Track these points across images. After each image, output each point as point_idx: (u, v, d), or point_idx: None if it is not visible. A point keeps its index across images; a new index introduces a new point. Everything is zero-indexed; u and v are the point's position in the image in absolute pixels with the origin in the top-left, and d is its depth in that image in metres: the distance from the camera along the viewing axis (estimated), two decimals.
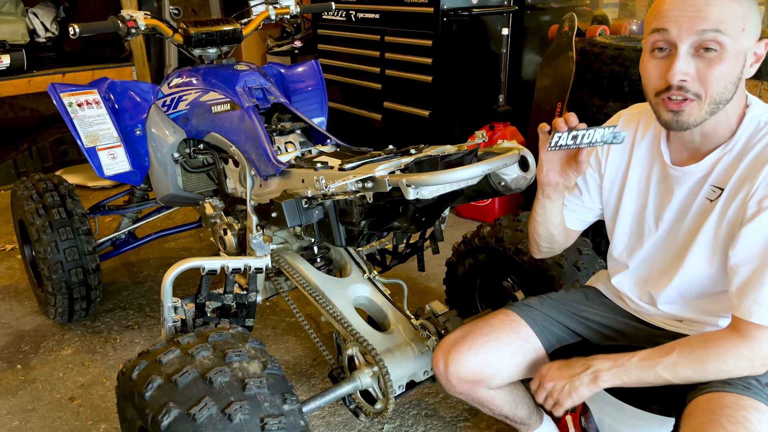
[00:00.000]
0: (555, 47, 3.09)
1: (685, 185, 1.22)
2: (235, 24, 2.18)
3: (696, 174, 1.20)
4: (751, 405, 1.05)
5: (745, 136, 1.13)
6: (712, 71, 1.05)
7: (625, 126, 1.35)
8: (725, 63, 1.05)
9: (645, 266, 1.35)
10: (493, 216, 3.31)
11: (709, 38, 1.04)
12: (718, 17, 1.03)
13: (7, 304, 2.67)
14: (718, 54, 1.05)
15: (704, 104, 1.08)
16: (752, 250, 1.09)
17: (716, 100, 1.08)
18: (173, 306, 1.60)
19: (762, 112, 1.14)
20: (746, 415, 1.03)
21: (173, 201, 2.37)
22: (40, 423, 1.96)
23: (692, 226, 1.22)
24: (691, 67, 1.06)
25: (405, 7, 3.49)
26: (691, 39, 1.05)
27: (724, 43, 1.04)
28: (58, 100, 2.14)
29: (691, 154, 1.22)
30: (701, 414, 1.07)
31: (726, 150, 1.15)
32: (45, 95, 3.33)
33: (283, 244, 1.87)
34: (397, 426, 1.92)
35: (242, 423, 1.12)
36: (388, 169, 1.32)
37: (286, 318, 2.52)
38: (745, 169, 1.11)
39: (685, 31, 1.05)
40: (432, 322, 1.65)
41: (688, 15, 1.04)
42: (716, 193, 1.16)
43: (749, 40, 1.06)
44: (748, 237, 1.09)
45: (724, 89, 1.07)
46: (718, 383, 1.12)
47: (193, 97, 2.06)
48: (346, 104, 4.21)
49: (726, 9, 1.03)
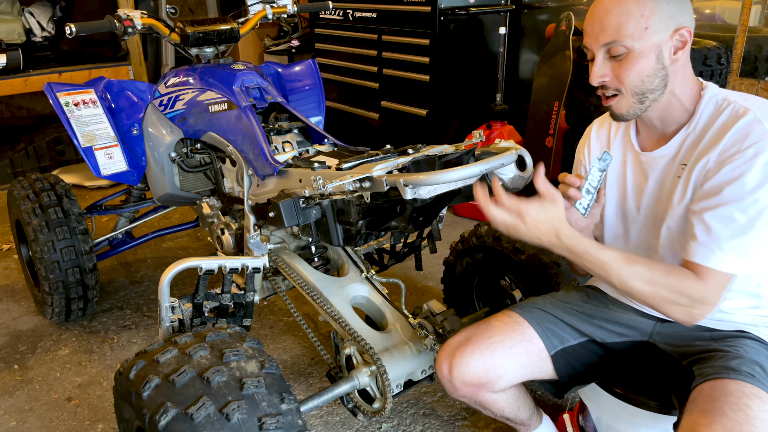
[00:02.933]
0: (552, 46, 3.10)
1: (657, 168, 1.29)
2: (232, 23, 2.18)
3: (665, 156, 1.27)
4: (753, 393, 1.08)
5: (707, 115, 1.22)
6: (623, 70, 1.18)
7: (599, 129, 1.45)
8: (634, 61, 1.17)
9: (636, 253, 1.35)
10: None
11: (612, 46, 1.17)
12: (616, 27, 1.15)
13: (4, 304, 2.66)
14: (626, 55, 1.17)
15: (627, 97, 1.21)
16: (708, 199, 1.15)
17: (638, 91, 1.20)
18: (171, 306, 1.60)
19: (718, 92, 1.23)
20: (748, 403, 1.05)
21: (170, 200, 2.36)
22: (38, 423, 1.95)
23: (665, 203, 1.28)
24: (607, 69, 1.21)
25: (402, 6, 3.49)
26: (601, 49, 1.20)
27: (627, 45, 1.16)
28: (54, 99, 2.13)
29: (657, 139, 1.30)
30: (704, 401, 1.09)
31: (689, 130, 1.23)
32: (41, 95, 3.32)
33: (281, 243, 1.87)
34: (395, 425, 1.92)
35: (240, 422, 1.12)
36: (385, 168, 1.32)
37: (283, 317, 2.51)
38: (707, 143, 1.19)
39: (594, 45, 1.20)
40: (430, 321, 1.65)
41: (594, 31, 1.19)
42: (683, 169, 1.23)
43: (659, 34, 1.15)
44: (704, 190, 1.16)
45: (642, 82, 1.19)
46: (722, 370, 1.14)
47: (190, 96, 2.06)
48: (343, 103, 4.21)
49: (622, 16, 1.15)
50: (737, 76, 2.81)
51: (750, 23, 2.71)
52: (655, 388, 1.36)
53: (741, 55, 2.65)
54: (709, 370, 1.16)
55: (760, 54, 2.85)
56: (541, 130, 3.19)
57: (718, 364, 1.17)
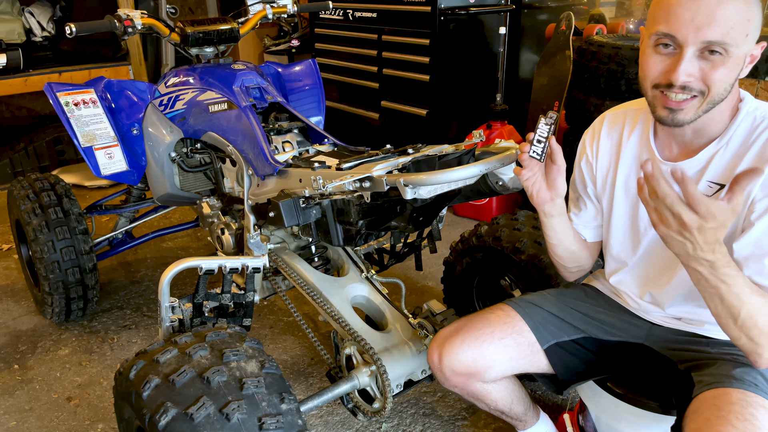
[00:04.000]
0: (552, 46, 3.10)
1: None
2: (232, 23, 2.18)
3: (690, 170, 1.19)
4: (758, 402, 1.06)
5: (743, 132, 1.14)
6: (716, 73, 1.06)
7: (611, 126, 1.36)
8: (728, 66, 1.06)
9: (643, 264, 1.35)
10: (491, 215, 3.31)
11: (716, 44, 1.04)
12: (727, 24, 1.02)
13: (4, 304, 2.66)
14: (723, 58, 1.05)
15: (704, 103, 1.09)
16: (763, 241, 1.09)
17: (715, 99, 1.09)
18: (171, 306, 1.60)
19: (756, 107, 1.15)
20: (754, 413, 1.04)
21: (170, 200, 2.36)
22: (38, 423, 1.95)
23: None
24: (695, 68, 1.07)
25: (402, 6, 3.48)
26: (698, 44, 1.05)
27: (729, 48, 1.04)
28: (54, 99, 2.13)
29: (681, 150, 1.22)
30: (708, 410, 1.07)
31: (720, 144, 1.15)
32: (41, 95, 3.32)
33: (281, 243, 1.87)
34: (395, 425, 1.92)
35: (240, 422, 1.12)
36: (385, 168, 1.32)
37: (283, 317, 2.51)
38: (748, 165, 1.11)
39: (693, 36, 1.04)
40: (430, 321, 1.65)
41: (698, 21, 1.03)
42: (714, 189, 1.16)
43: (750, 44, 1.07)
44: (760, 229, 1.09)
45: (725, 90, 1.09)
46: (724, 378, 1.12)
47: (190, 96, 2.06)
48: (343, 103, 4.21)
49: (736, 15, 1.02)
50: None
51: None
52: (655, 388, 1.36)
53: None
54: (710, 378, 1.15)
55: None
56: None
57: (719, 372, 1.15)
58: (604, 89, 2.73)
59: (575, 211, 1.46)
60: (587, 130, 1.42)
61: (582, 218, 1.45)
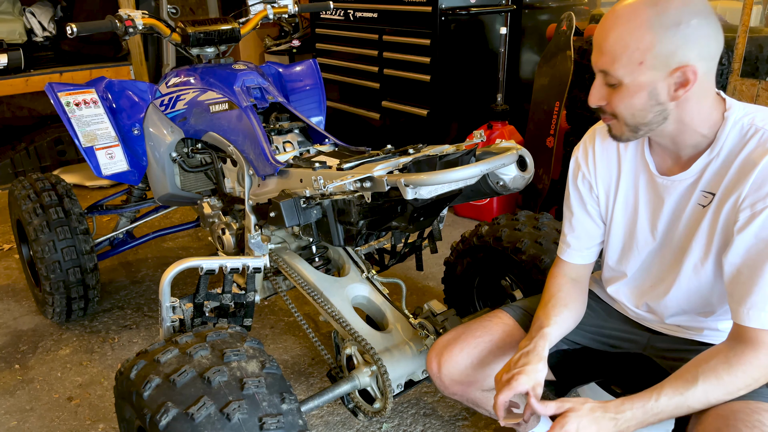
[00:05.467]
0: (553, 46, 3.10)
1: (674, 193, 1.21)
2: (233, 23, 2.18)
3: (684, 182, 1.18)
4: (761, 407, 1.06)
5: (732, 140, 1.11)
6: (615, 99, 1.11)
7: (604, 138, 1.31)
8: (624, 94, 1.09)
9: (641, 275, 1.34)
10: (492, 215, 3.31)
11: (606, 73, 1.10)
12: (611, 55, 1.07)
13: (5, 304, 2.66)
14: (617, 87, 1.09)
15: (622, 125, 1.14)
16: (748, 254, 1.08)
17: (629, 123, 1.13)
18: (171, 306, 1.60)
19: (743, 114, 1.12)
20: (761, 419, 1.04)
21: (171, 200, 2.37)
22: (38, 423, 1.95)
23: (686, 232, 1.21)
24: (603, 94, 1.13)
25: (403, 6, 3.48)
26: (599, 71, 1.11)
27: (618, 77, 1.08)
28: (55, 99, 2.13)
29: (674, 162, 1.21)
30: (714, 419, 1.06)
31: (712, 155, 1.14)
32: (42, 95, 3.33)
33: (282, 243, 1.87)
34: (396, 425, 1.92)
35: (240, 422, 1.12)
36: (386, 168, 1.32)
37: (284, 317, 2.51)
38: (735, 173, 1.10)
39: (594, 64, 1.12)
40: (430, 321, 1.65)
41: (594, 52, 1.11)
42: (708, 198, 1.16)
43: (654, 72, 1.05)
44: (743, 242, 1.08)
45: (632, 116, 1.11)
46: None
47: (191, 96, 2.06)
48: (344, 103, 4.21)
49: (618, 46, 1.05)
50: (738, 76, 2.80)
51: (751, 23, 2.70)
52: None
53: (742, 56, 2.64)
54: None
55: (761, 54, 2.84)
56: (541, 131, 3.19)
57: None
58: None
59: (572, 234, 1.39)
60: (577, 147, 1.38)
61: (581, 240, 1.39)
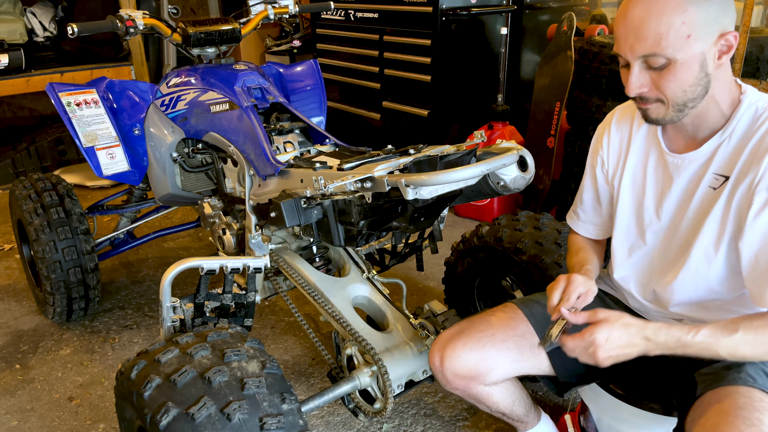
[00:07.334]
0: (554, 47, 3.10)
1: (684, 173, 1.23)
2: (234, 23, 2.18)
3: (696, 161, 1.21)
4: (764, 406, 1.06)
5: (745, 123, 1.15)
6: (665, 81, 1.10)
7: (620, 119, 1.39)
8: (676, 72, 1.09)
9: (648, 259, 1.35)
10: (492, 215, 3.31)
11: (652, 56, 1.08)
12: (655, 37, 1.06)
13: (6, 304, 2.66)
14: (667, 66, 1.09)
15: (668, 107, 1.14)
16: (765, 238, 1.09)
17: (679, 102, 1.13)
18: (172, 306, 1.60)
19: (758, 98, 1.16)
20: (761, 417, 1.04)
21: (172, 200, 2.37)
22: (39, 423, 1.96)
23: (696, 215, 1.22)
24: (646, 79, 1.12)
25: (404, 7, 3.49)
26: (638, 59, 1.11)
27: (668, 56, 1.07)
28: (56, 99, 2.13)
29: (687, 142, 1.23)
30: (715, 415, 1.06)
31: (724, 137, 1.17)
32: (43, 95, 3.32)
33: (282, 243, 1.87)
34: (396, 425, 1.92)
35: (241, 422, 1.12)
36: (387, 169, 1.32)
37: (284, 317, 2.51)
38: (749, 156, 1.12)
39: (630, 54, 1.11)
40: (431, 322, 1.65)
41: (630, 40, 1.10)
42: (720, 181, 1.17)
43: (702, 42, 1.07)
44: (760, 225, 1.09)
45: (683, 93, 1.11)
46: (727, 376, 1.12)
47: (191, 96, 2.06)
48: (344, 104, 4.21)
49: (662, 25, 1.05)
50: (739, 76, 2.81)
51: (752, 24, 2.70)
52: (657, 389, 1.36)
53: (743, 56, 2.64)
54: (713, 377, 1.14)
55: (761, 55, 2.84)
56: (542, 131, 3.19)
57: (721, 370, 1.14)
58: (605, 90, 2.72)
59: (581, 206, 1.48)
60: (600, 125, 1.45)
61: (587, 214, 1.47)
